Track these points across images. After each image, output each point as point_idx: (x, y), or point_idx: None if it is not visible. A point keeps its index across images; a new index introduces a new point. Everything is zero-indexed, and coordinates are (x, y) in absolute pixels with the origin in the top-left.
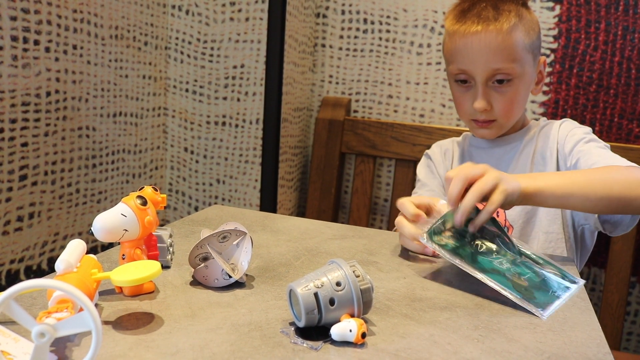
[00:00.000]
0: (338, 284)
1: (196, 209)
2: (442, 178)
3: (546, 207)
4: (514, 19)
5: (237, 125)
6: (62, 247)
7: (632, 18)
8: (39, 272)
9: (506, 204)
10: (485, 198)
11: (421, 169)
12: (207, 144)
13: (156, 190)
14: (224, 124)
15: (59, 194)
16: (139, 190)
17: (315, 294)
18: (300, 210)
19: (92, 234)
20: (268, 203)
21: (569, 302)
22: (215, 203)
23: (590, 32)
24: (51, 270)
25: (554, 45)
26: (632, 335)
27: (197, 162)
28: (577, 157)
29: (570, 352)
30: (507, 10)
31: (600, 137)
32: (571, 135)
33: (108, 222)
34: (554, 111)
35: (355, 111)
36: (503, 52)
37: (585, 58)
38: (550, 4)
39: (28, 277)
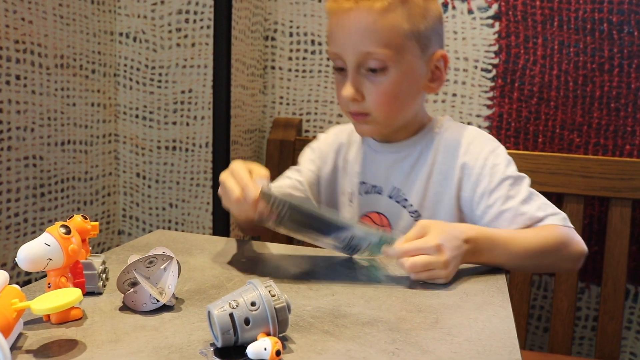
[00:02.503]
0: (253, 303)
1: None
2: (320, 174)
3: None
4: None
5: (187, 150)
6: (10, 278)
7: (566, 33)
8: None
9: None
10: None
11: (304, 156)
12: (158, 168)
13: (85, 218)
14: (174, 148)
15: (6, 224)
16: (68, 219)
17: (231, 315)
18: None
19: (16, 263)
20: (221, 225)
21: (490, 311)
22: (169, 227)
23: (529, 47)
24: None
25: (496, 61)
26: (584, 339)
27: (149, 187)
28: (503, 208)
29: None
30: None
31: (543, 149)
32: (491, 169)
33: (32, 252)
34: (498, 124)
35: (307, 131)
36: (373, 34)
37: (525, 72)
38: (490, 21)
39: None
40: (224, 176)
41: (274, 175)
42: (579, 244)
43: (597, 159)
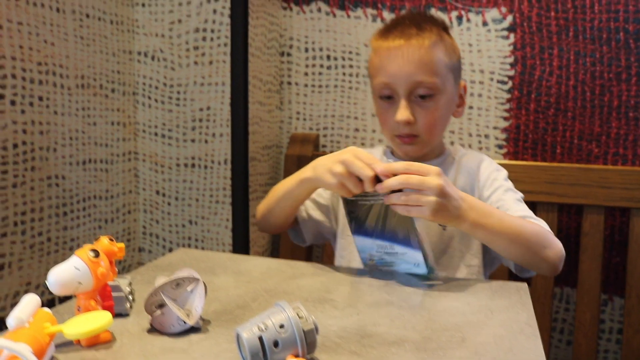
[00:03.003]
0: (281, 326)
1: (170, 250)
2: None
3: (475, 237)
4: (435, 37)
5: (206, 167)
6: None
7: (582, 43)
8: None
9: (437, 221)
10: None
11: None
12: (177, 186)
13: (112, 240)
14: (193, 165)
15: (30, 243)
16: (95, 241)
17: (260, 337)
18: (274, 247)
19: (46, 287)
20: (240, 242)
21: (516, 328)
22: (189, 244)
23: (545, 58)
24: None
25: (511, 73)
26: (609, 352)
27: (169, 204)
28: (495, 205)
29: None
30: (428, 29)
31: (561, 160)
32: (492, 180)
33: (61, 276)
34: (515, 136)
35: (324, 146)
36: (424, 66)
37: (542, 83)
38: (505, 33)
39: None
40: (347, 156)
41: None
42: (559, 244)
43: (616, 169)
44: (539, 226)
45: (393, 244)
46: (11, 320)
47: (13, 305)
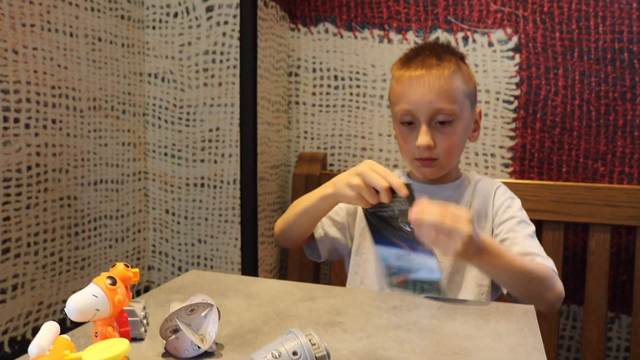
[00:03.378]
0: (294, 353)
1: (179, 269)
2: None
3: (482, 271)
4: (454, 67)
5: (215, 186)
6: (47, 316)
7: (587, 63)
8: (23, 343)
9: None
10: None
11: None
12: (187, 205)
13: (128, 266)
14: (202, 185)
15: (42, 263)
16: (111, 267)
17: None
18: (282, 265)
19: (65, 314)
20: (249, 260)
21: (524, 353)
22: (198, 262)
23: (550, 78)
24: None
25: (517, 92)
26: None
27: (178, 223)
28: (505, 237)
29: None
30: (447, 59)
31: (567, 178)
32: (505, 208)
33: (80, 303)
34: (521, 155)
35: (332, 165)
36: (444, 94)
37: (547, 103)
38: (510, 53)
39: (12, 348)
40: (364, 168)
41: None
42: (561, 286)
43: (622, 188)
44: (546, 267)
45: (410, 251)
46: (33, 348)
47: (25, 324)
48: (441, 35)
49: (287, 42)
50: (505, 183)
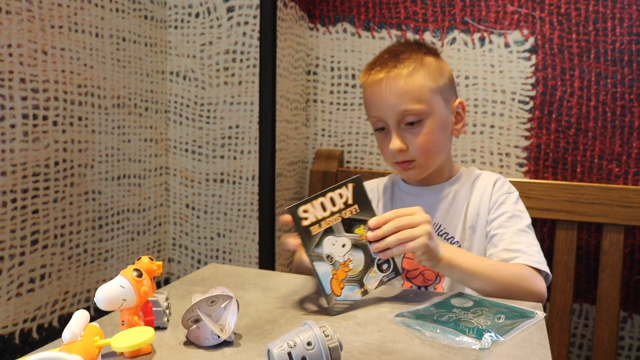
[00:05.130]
0: (309, 343)
1: (199, 261)
2: None
3: (451, 278)
4: (413, 65)
5: (234, 182)
6: (72, 305)
7: (603, 65)
8: (50, 330)
9: (421, 258)
10: None
11: None
12: (207, 200)
13: (152, 259)
14: (222, 180)
15: (68, 255)
16: (137, 260)
17: (289, 353)
18: None
19: (94, 303)
20: (266, 254)
21: (529, 349)
22: (216, 256)
23: (566, 79)
24: (62, 327)
25: (533, 93)
26: None
27: (198, 217)
28: (494, 233)
29: None
30: (406, 58)
31: (582, 179)
32: (499, 204)
33: (108, 293)
34: (536, 155)
35: (348, 162)
36: (406, 95)
37: (562, 103)
38: (527, 54)
39: (40, 335)
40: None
41: None
42: (540, 286)
43: (637, 189)
44: (522, 269)
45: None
46: (66, 334)
47: (52, 312)
48: (458, 36)
49: (306, 42)
50: (519, 182)
